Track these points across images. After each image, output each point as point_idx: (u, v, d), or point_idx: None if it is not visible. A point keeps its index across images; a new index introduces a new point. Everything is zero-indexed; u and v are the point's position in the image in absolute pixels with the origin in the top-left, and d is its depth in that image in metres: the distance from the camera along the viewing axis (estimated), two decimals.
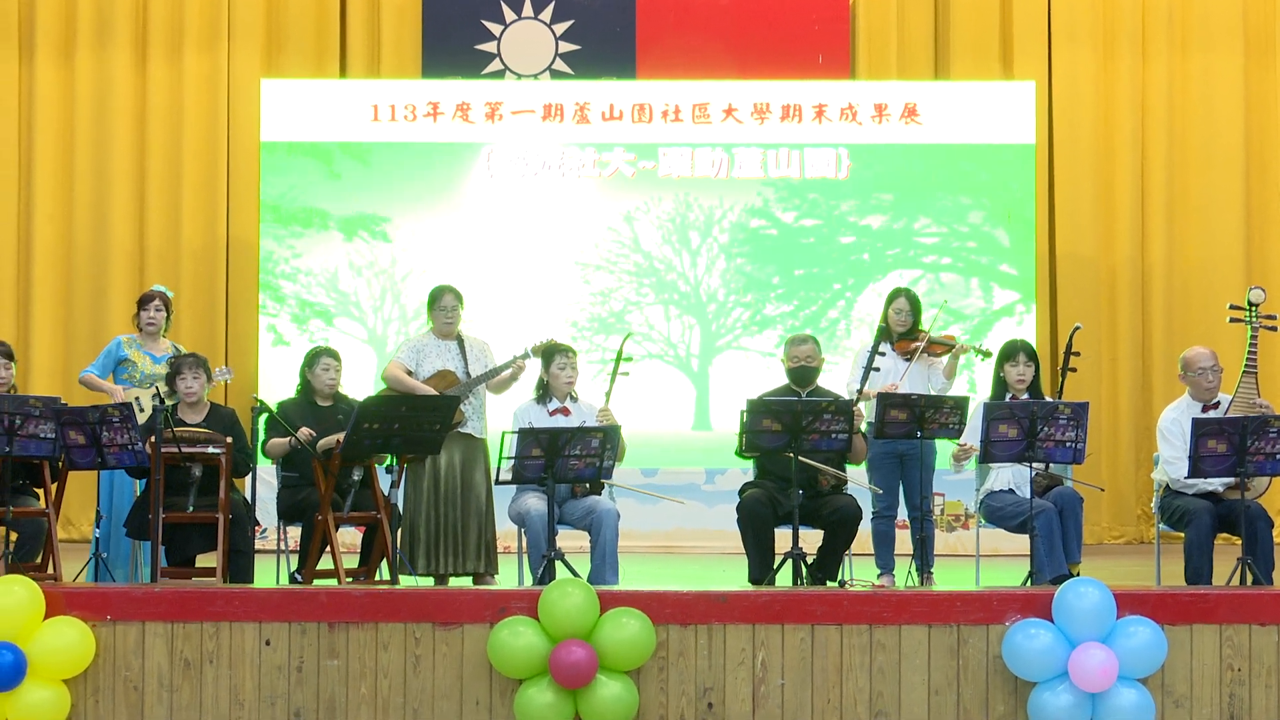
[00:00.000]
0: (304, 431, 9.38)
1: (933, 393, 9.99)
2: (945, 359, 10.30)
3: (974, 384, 12.86)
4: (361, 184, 13.72)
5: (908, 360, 10.17)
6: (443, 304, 10.15)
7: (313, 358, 9.83)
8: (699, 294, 13.89)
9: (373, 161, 13.70)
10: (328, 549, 9.03)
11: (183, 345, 10.61)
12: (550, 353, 9.82)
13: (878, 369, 9.83)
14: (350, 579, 9.07)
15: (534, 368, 10.02)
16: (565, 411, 9.72)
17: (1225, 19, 14.41)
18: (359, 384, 12.49)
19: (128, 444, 8.59)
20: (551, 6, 14.30)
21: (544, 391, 9.82)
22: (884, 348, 10.06)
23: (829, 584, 8.98)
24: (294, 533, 9.66)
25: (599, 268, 13.88)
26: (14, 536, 8.93)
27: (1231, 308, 9.74)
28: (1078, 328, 10.01)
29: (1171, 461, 9.25)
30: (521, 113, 13.79)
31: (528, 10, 14.32)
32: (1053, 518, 8.95)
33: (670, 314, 13.91)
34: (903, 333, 10.25)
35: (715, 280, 13.87)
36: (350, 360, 11.34)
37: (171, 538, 9.01)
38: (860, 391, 9.64)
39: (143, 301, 10.31)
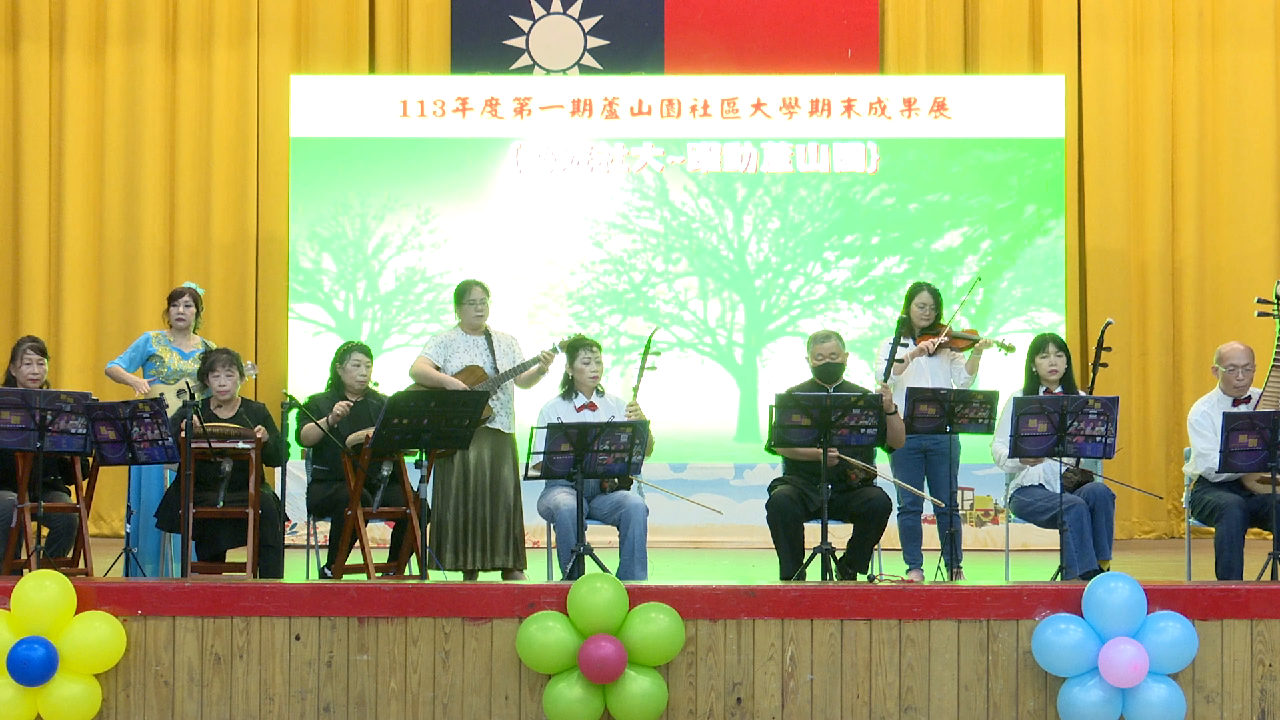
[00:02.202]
0: (340, 405, 9.41)
1: (955, 387, 9.98)
2: (967, 354, 10.28)
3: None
4: (390, 179, 13.74)
5: (929, 355, 10.15)
6: (471, 298, 10.14)
7: (344, 353, 9.84)
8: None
9: (401, 157, 13.72)
10: (357, 544, 9.04)
11: (213, 340, 10.62)
12: (575, 348, 9.81)
13: (900, 360, 9.81)
14: (380, 574, 9.08)
15: (560, 362, 10.01)
16: (592, 406, 9.72)
17: (1256, 13, 14.35)
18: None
19: (158, 439, 8.60)
20: (580, 2, 14.30)
21: (569, 387, 9.82)
22: (906, 340, 10.05)
23: (859, 577, 8.96)
24: (324, 528, 9.68)
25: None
26: (45, 532, 8.97)
27: (1259, 302, 9.70)
28: (1109, 323, 9.96)
29: (1203, 454, 9.22)
30: (550, 108, 13.79)
31: (556, 5, 14.33)
32: (1083, 513, 8.92)
33: (707, 287, 13.73)
34: (925, 327, 10.23)
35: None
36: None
37: (202, 533, 9.05)
38: (884, 384, 9.60)
39: (173, 297, 10.34)
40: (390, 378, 10.56)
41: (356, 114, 13.76)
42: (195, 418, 8.73)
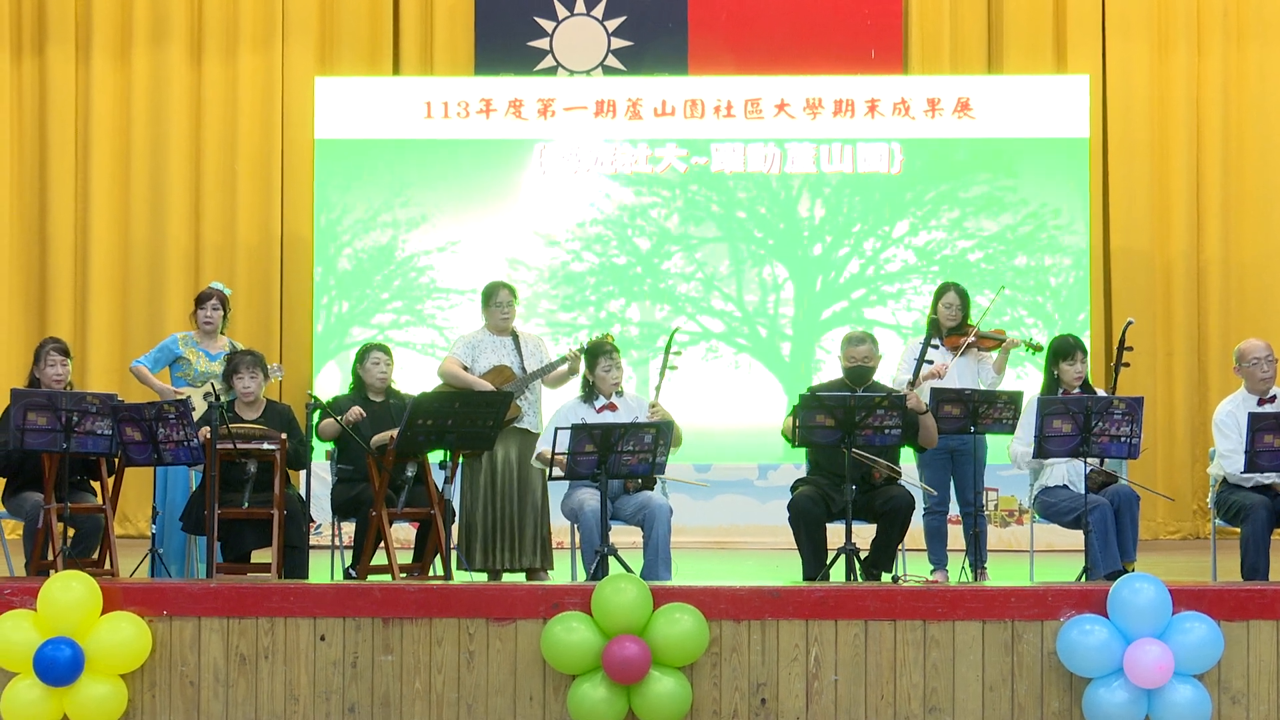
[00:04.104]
0: (354, 410, 9.43)
1: (983, 387, 9.96)
2: (995, 354, 10.26)
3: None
4: (414, 180, 13.76)
5: (952, 353, 10.13)
6: (498, 300, 10.16)
7: (363, 353, 9.87)
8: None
9: (426, 158, 13.73)
10: (382, 545, 9.05)
11: (239, 341, 10.64)
12: (595, 354, 9.76)
13: (930, 361, 9.80)
14: (404, 575, 9.09)
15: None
16: (612, 407, 9.69)
17: None
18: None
19: (184, 440, 8.63)
20: (604, 3, 14.30)
21: (589, 390, 9.78)
22: (935, 343, 10.03)
23: (883, 577, 8.95)
24: (348, 528, 9.70)
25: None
26: (72, 532, 8.99)
27: None
28: (1130, 323, 9.95)
29: (1227, 455, 9.20)
30: (574, 109, 13.80)
31: (580, 6, 14.33)
32: (1107, 513, 8.90)
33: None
34: (952, 327, 10.21)
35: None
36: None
37: (227, 534, 9.07)
38: (913, 385, 9.58)
39: (200, 300, 10.37)
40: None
41: (381, 115, 13.78)
42: (221, 415, 8.77)
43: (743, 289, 13.12)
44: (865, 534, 9.06)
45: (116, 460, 9.04)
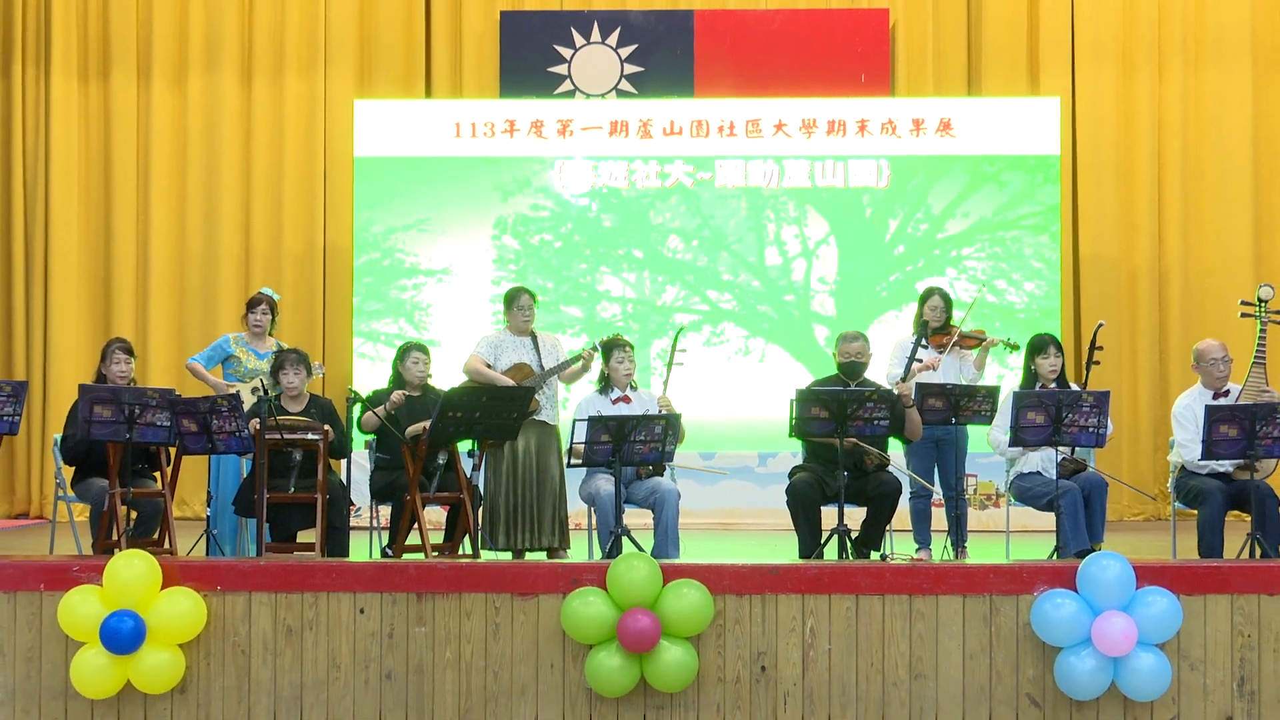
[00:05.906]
0: (398, 394, 9.47)
1: (964, 382, 9.98)
2: (975, 352, 10.28)
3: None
4: (444, 194, 13.76)
5: (938, 351, 10.14)
6: (520, 303, 10.18)
7: (403, 352, 9.89)
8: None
9: (454, 174, 13.74)
10: (415, 526, 9.07)
11: (284, 341, 10.67)
12: (609, 348, 9.87)
13: (919, 359, 9.82)
14: (436, 553, 9.10)
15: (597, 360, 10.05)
16: (626, 400, 9.75)
17: (1236, 39, 14.31)
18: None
19: (235, 431, 8.66)
20: (617, 32, 14.30)
21: (606, 383, 9.85)
22: (924, 343, 10.05)
23: (872, 556, 8.95)
24: (385, 511, 9.71)
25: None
26: (134, 515, 9.02)
27: (1243, 304, 9.70)
28: (1101, 325, 9.95)
29: (1185, 444, 9.23)
30: (590, 129, 13.80)
31: (596, 35, 14.32)
32: (1077, 497, 8.92)
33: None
34: (937, 327, 10.23)
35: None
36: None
37: (275, 516, 9.09)
38: (903, 380, 9.60)
39: (251, 304, 10.40)
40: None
41: (414, 135, 13.79)
42: (270, 408, 8.81)
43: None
44: (856, 516, 9.07)
45: (174, 449, 9.07)
